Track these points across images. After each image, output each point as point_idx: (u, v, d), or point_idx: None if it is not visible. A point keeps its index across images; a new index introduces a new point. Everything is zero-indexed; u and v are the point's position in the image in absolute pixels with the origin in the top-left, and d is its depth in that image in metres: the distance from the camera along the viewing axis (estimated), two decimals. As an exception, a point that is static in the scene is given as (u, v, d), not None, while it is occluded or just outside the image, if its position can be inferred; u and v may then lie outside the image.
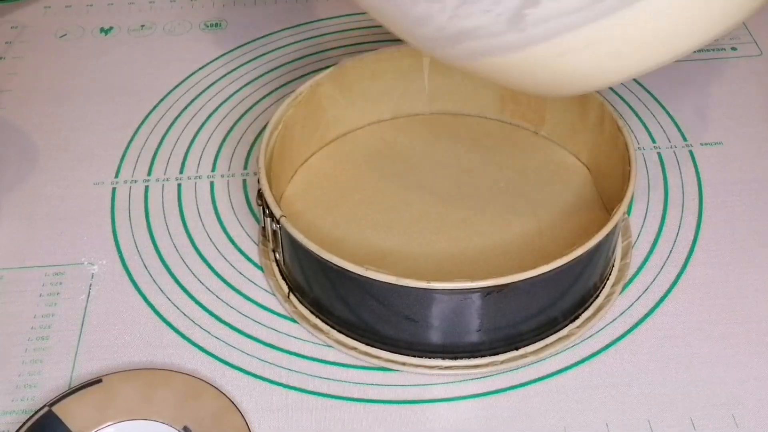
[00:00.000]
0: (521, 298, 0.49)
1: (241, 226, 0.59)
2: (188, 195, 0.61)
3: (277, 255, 0.55)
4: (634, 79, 0.68)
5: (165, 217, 0.60)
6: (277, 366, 0.51)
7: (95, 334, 0.53)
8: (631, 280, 0.55)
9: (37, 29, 0.75)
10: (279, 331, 0.53)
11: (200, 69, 0.71)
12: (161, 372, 0.49)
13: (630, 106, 0.66)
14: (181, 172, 0.63)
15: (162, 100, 0.68)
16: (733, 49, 0.71)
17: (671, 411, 0.49)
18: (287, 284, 0.55)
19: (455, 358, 0.51)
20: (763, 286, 0.54)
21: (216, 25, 0.75)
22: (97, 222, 0.59)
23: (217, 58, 0.72)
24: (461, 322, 0.49)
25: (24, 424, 0.47)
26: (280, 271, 0.55)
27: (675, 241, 0.57)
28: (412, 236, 0.56)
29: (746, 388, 0.50)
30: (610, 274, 0.55)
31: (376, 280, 0.48)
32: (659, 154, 0.63)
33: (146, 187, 0.62)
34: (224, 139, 0.65)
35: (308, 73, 0.70)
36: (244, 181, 0.62)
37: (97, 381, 0.48)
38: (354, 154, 0.62)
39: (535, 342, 0.52)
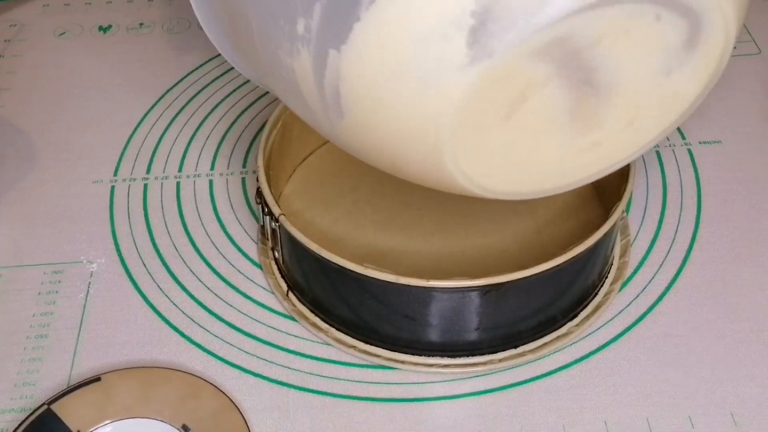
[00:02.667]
0: (520, 296, 0.49)
1: (240, 224, 0.59)
2: (187, 193, 0.61)
3: (276, 253, 0.55)
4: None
5: (164, 216, 0.60)
6: (276, 364, 0.51)
7: (94, 332, 0.53)
8: (629, 279, 0.55)
9: (35, 27, 0.75)
10: (278, 330, 0.53)
11: (199, 67, 0.71)
12: (160, 370, 0.49)
13: (629, 105, 0.66)
14: (179, 170, 0.63)
15: (161, 98, 0.68)
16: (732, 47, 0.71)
17: (670, 409, 0.49)
18: (286, 282, 0.55)
19: (454, 357, 0.51)
20: (761, 284, 0.55)
21: (215, 23, 0.75)
22: (96, 220, 0.59)
23: (215, 56, 0.71)
24: (460, 321, 0.50)
25: (23, 422, 0.47)
26: (279, 269, 0.55)
27: (673, 240, 0.57)
28: (411, 235, 0.56)
29: (745, 386, 0.50)
30: (608, 273, 0.55)
31: (375, 278, 0.48)
32: (658, 152, 0.63)
33: (145, 186, 0.62)
34: (223, 138, 0.65)
35: (307, 72, 0.70)
36: (243, 179, 0.62)
37: (96, 379, 0.48)
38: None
39: (533, 340, 0.52)
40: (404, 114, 0.39)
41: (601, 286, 0.54)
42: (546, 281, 0.49)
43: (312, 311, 0.53)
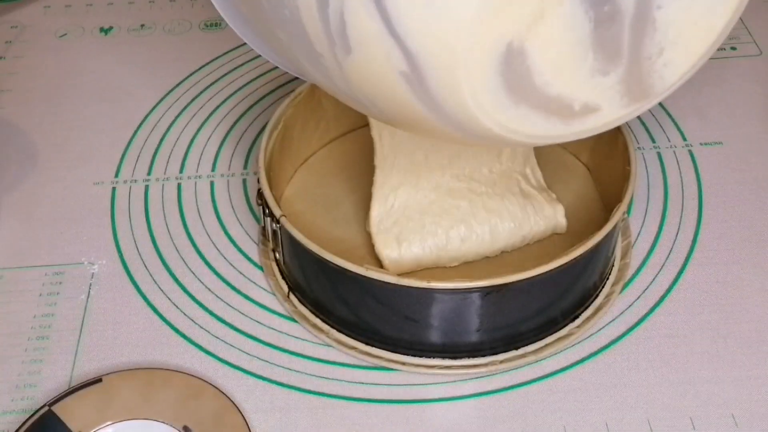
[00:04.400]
0: (521, 297, 0.49)
1: (241, 225, 0.59)
2: (188, 195, 0.61)
3: (277, 254, 0.55)
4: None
5: (165, 217, 0.60)
6: (277, 365, 0.51)
7: (95, 333, 0.53)
8: (630, 280, 0.55)
9: (37, 29, 0.75)
10: (279, 331, 0.53)
11: (200, 69, 0.71)
12: (161, 372, 0.49)
13: (630, 106, 0.66)
14: (181, 171, 0.63)
15: (162, 99, 0.68)
16: (733, 48, 0.71)
17: (671, 410, 0.49)
18: (287, 284, 0.55)
19: (455, 358, 0.51)
20: (762, 285, 0.55)
21: (215, 24, 0.75)
22: (97, 222, 0.59)
23: (216, 58, 0.72)
24: (461, 322, 0.49)
25: (24, 423, 0.47)
26: (280, 270, 0.55)
27: (674, 241, 0.57)
28: (411, 236, 0.56)
29: (745, 387, 0.50)
30: (609, 274, 0.55)
31: (376, 279, 0.48)
32: (659, 153, 0.63)
33: (146, 187, 0.62)
34: (224, 139, 0.65)
35: (308, 73, 0.70)
36: (244, 180, 0.62)
37: (97, 381, 0.48)
38: (354, 154, 0.62)
39: (534, 342, 0.52)
40: (414, 36, 0.37)
41: (603, 287, 0.54)
42: (547, 283, 0.49)
43: (313, 312, 0.53)
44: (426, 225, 0.53)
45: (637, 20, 0.39)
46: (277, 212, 0.51)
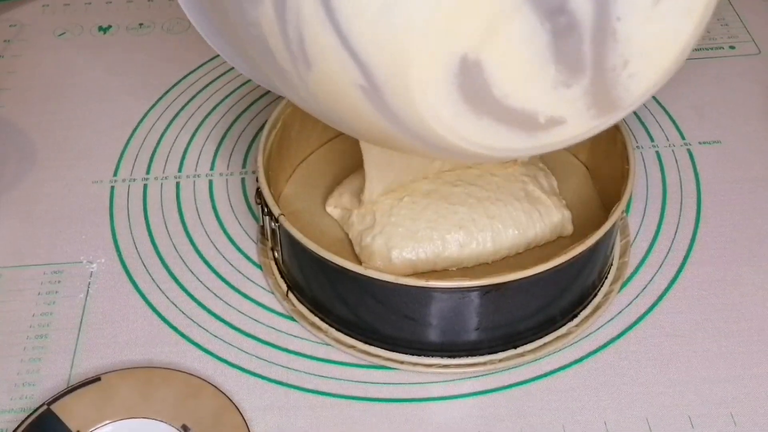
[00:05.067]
0: (520, 296, 0.49)
1: (240, 224, 0.59)
2: (187, 193, 0.61)
3: (276, 253, 0.55)
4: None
5: (164, 216, 0.60)
6: (276, 364, 0.51)
7: (94, 332, 0.53)
8: (629, 279, 0.55)
9: (35, 27, 0.75)
10: (278, 330, 0.53)
11: (199, 67, 0.71)
12: (160, 370, 0.49)
13: (628, 105, 0.66)
14: (179, 170, 0.63)
15: (160, 98, 0.68)
16: (732, 47, 0.71)
17: (669, 409, 0.49)
18: (286, 283, 0.55)
19: (454, 357, 0.51)
20: (761, 284, 0.55)
21: (214, 23, 0.75)
22: (96, 220, 0.59)
23: (215, 57, 0.71)
24: (460, 321, 0.50)
25: (23, 422, 0.47)
26: (279, 269, 0.55)
27: (673, 240, 0.57)
28: (410, 235, 0.56)
29: (744, 386, 0.50)
30: (608, 273, 0.55)
31: (375, 278, 0.48)
32: (657, 152, 0.63)
33: (145, 186, 0.62)
34: (223, 138, 0.65)
35: (307, 72, 0.69)
36: (243, 179, 0.62)
37: (96, 379, 0.48)
38: (352, 153, 0.62)
39: (533, 341, 0.52)
40: (366, 49, 0.37)
41: (601, 286, 0.54)
42: (546, 281, 0.49)
43: (311, 311, 0.53)
44: (419, 231, 0.53)
45: (596, 31, 0.39)
46: (275, 211, 0.51)
